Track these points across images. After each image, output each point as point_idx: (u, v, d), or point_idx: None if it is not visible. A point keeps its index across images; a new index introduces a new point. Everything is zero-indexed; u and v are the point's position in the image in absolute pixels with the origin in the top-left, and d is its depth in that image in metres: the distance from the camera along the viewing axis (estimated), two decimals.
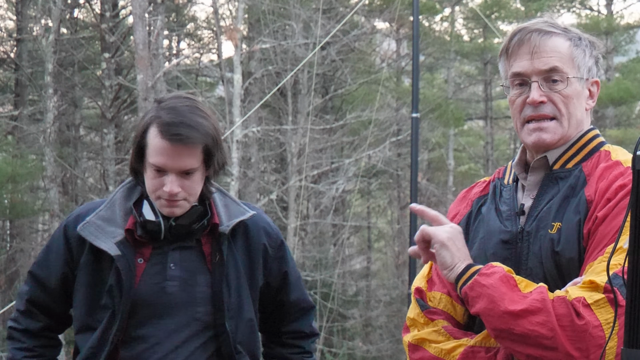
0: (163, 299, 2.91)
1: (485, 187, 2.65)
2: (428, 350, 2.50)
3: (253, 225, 3.04)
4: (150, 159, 2.86)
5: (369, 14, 23.09)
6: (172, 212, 2.89)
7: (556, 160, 2.49)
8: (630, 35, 26.99)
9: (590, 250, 2.35)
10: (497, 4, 25.35)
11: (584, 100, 2.51)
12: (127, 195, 3.01)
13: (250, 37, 20.57)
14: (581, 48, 2.49)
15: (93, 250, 2.92)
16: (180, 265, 2.93)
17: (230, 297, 2.93)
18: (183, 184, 2.86)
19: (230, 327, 2.93)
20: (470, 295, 2.35)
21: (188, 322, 2.91)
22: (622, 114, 26.95)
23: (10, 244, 20.49)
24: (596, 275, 2.27)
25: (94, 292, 2.92)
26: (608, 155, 2.49)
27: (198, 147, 2.84)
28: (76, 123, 21.78)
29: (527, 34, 2.47)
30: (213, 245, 2.95)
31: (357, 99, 22.10)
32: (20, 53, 20.42)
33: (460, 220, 2.61)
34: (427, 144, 23.54)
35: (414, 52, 11.68)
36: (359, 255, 25.26)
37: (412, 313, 2.59)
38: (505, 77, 2.52)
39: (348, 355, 20.42)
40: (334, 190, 20.23)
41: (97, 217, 2.95)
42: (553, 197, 2.45)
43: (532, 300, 2.27)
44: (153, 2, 16.64)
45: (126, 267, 2.87)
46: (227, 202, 3.05)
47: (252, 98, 19.71)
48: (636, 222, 1.82)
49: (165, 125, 2.82)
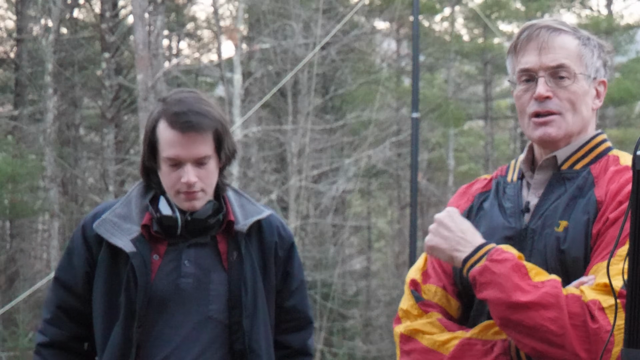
0: (176, 295, 2.90)
1: (487, 183, 2.64)
2: (421, 342, 2.46)
3: (267, 224, 3.03)
4: (164, 153, 2.87)
5: (369, 14, 23.09)
6: (192, 205, 2.90)
7: (565, 160, 2.48)
8: (630, 35, 26.99)
9: (599, 251, 2.33)
10: (497, 4, 25.35)
11: (591, 99, 2.50)
12: (144, 192, 3.01)
13: (250, 37, 20.58)
14: (589, 48, 2.49)
15: (110, 247, 2.92)
16: (194, 263, 2.92)
17: (247, 296, 2.93)
18: (199, 174, 2.87)
19: (246, 326, 2.92)
20: (479, 281, 2.31)
21: (200, 320, 2.91)
22: (622, 114, 26.94)
23: (10, 244, 20.48)
24: (611, 278, 2.24)
25: (111, 290, 2.92)
26: (617, 160, 2.48)
27: (209, 133, 2.87)
28: (76, 123, 21.77)
29: (536, 30, 2.47)
30: (230, 244, 2.95)
31: (357, 99, 22.09)
32: (20, 53, 20.42)
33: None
34: (427, 144, 23.55)
35: (414, 52, 11.68)
36: (359, 255, 25.25)
37: (405, 304, 2.56)
38: (513, 73, 2.52)
39: (348, 355, 20.42)
40: (334, 190, 20.24)
41: (113, 215, 2.95)
42: (560, 197, 2.44)
43: (544, 294, 2.24)
44: (153, 2, 16.64)
45: (141, 264, 2.87)
46: (242, 201, 3.05)
47: (252, 98, 19.71)
48: (636, 222, 1.82)
49: (174, 116, 2.85)
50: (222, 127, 2.90)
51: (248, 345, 2.93)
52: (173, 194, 2.91)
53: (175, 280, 2.91)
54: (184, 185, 2.87)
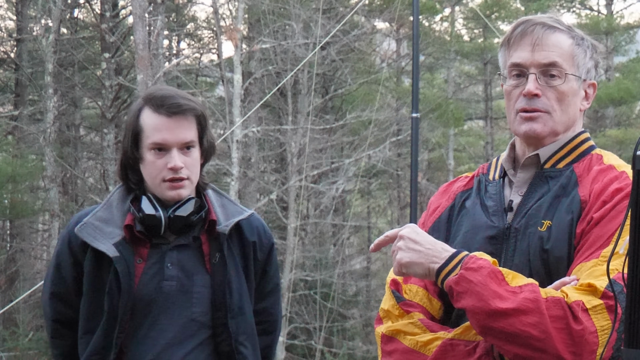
0: (160, 298, 2.90)
1: (468, 181, 2.61)
2: (403, 342, 2.43)
3: (247, 224, 3.03)
4: (149, 139, 2.88)
5: (369, 14, 23.09)
6: (178, 194, 2.90)
7: (548, 159, 2.47)
8: (630, 35, 26.99)
9: (583, 251, 2.32)
10: (497, 4, 25.35)
11: (579, 100, 2.49)
12: (124, 195, 3.01)
13: (250, 37, 20.57)
14: (583, 48, 2.48)
15: (94, 251, 2.91)
16: (177, 265, 2.92)
17: (232, 297, 2.92)
18: (185, 161, 2.89)
19: (232, 327, 2.92)
20: (455, 290, 2.27)
21: (184, 322, 2.90)
22: (622, 114, 26.94)
23: (10, 244, 20.49)
24: (595, 279, 2.23)
25: (95, 294, 2.91)
26: (600, 159, 2.47)
27: (193, 118, 2.90)
28: (76, 123, 21.79)
29: (531, 26, 2.46)
30: (212, 246, 2.95)
31: (357, 99, 22.09)
32: (20, 53, 20.43)
33: (442, 212, 2.58)
34: (427, 144, 23.53)
35: (414, 52, 11.66)
36: (359, 255, 25.25)
37: (386, 304, 2.53)
38: (504, 66, 2.50)
39: (348, 355, 20.42)
40: (334, 190, 20.23)
41: (94, 218, 2.95)
42: (543, 196, 2.42)
43: (523, 300, 2.22)
44: (153, 2, 16.64)
45: (125, 269, 2.86)
46: (223, 201, 3.05)
47: (252, 98, 19.71)
48: (636, 222, 1.82)
49: (160, 100, 2.88)
50: (204, 114, 2.94)
51: (235, 347, 2.92)
52: (158, 182, 2.91)
53: (159, 284, 2.90)
54: (170, 172, 2.87)
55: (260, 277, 3.05)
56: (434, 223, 2.58)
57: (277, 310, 3.13)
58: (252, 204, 19.57)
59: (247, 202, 19.68)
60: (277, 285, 3.12)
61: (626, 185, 2.35)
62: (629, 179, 2.36)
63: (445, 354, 2.37)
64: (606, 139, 23.32)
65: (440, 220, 2.57)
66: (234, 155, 17.70)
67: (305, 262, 20.49)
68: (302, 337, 20.11)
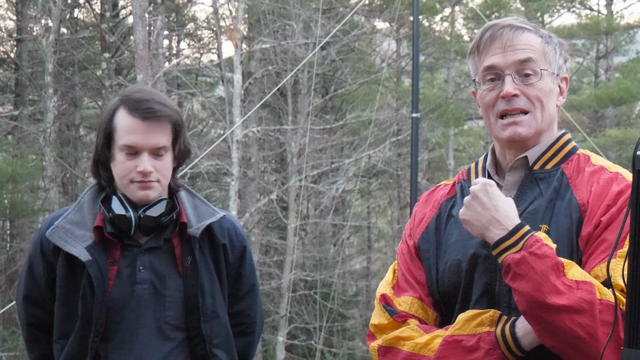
0: (132, 302, 2.86)
1: (450, 189, 2.59)
2: (402, 349, 2.40)
3: (218, 226, 2.98)
4: (121, 141, 2.84)
5: (369, 14, 23.09)
6: (146, 195, 2.85)
7: (536, 160, 2.47)
8: (630, 35, 27.00)
9: (597, 254, 2.30)
10: (497, 4, 25.35)
11: (555, 96, 2.50)
12: (95, 195, 2.96)
13: (250, 37, 20.57)
14: (552, 45, 2.50)
15: (66, 255, 2.86)
16: (149, 268, 2.88)
17: (205, 300, 2.89)
18: (155, 165, 2.84)
19: (205, 330, 2.89)
20: (514, 271, 2.23)
21: (159, 326, 2.87)
22: (622, 114, 26.94)
23: (10, 244, 20.49)
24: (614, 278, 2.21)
25: (69, 299, 2.87)
26: (588, 160, 2.47)
27: (168, 123, 2.85)
28: (76, 123, 21.78)
29: (499, 30, 2.46)
30: (184, 248, 2.91)
31: (357, 99, 22.10)
32: (20, 53, 20.42)
33: (429, 222, 2.55)
34: (427, 144, 23.53)
35: (414, 52, 11.66)
36: (359, 255, 25.25)
37: (376, 320, 2.49)
38: (476, 73, 2.49)
39: (348, 355, 20.42)
40: (334, 190, 20.23)
41: (65, 221, 2.90)
42: (535, 198, 2.41)
43: (579, 299, 2.19)
44: (153, 2, 16.64)
45: (97, 273, 2.83)
46: (196, 202, 3.01)
47: (252, 98, 19.71)
48: (636, 223, 1.82)
49: (136, 102, 2.83)
50: (180, 121, 2.89)
51: (209, 350, 2.89)
52: (126, 183, 2.86)
53: (131, 287, 2.86)
54: (139, 175, 2.83)
55: (235, 279, 3.01)
56: (422, 234, 2.55)
57: (255, 312, 3.08)
58: (252, 204, 19.58)
59: (247, 202, 19.68)
60: (254, 286, 3.07)
61: (627, 187, 2.35)
62: (626, 179, 2.37)
63: (449, 352, 2.33)
64: (606, 139, 23.33)
65: (428, 230, 2.54)
66: (234, 155, 17.70)
67: (305, 262, 20.49)
68: (302, 337, 20.11)
